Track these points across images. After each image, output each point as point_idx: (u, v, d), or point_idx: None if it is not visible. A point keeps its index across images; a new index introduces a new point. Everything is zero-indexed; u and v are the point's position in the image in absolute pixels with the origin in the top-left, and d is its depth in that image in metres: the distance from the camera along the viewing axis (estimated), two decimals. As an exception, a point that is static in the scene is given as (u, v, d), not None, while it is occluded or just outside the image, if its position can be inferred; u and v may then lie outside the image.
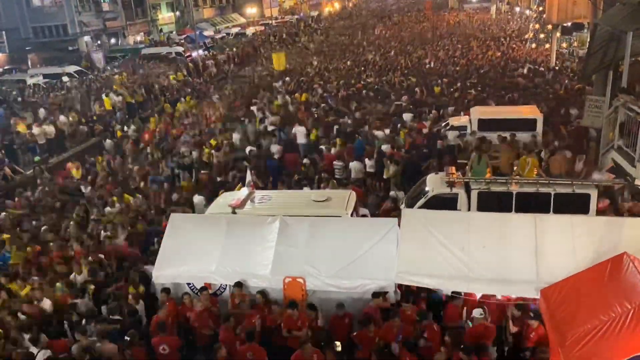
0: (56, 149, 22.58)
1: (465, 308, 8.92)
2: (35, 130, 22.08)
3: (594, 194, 11.46)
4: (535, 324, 8.22)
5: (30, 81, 34.52)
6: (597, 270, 7.83)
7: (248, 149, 18.18)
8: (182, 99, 28.37)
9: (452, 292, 8.91)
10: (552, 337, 7.43)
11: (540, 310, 8.21)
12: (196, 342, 9.31)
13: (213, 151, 17.79)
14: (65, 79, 35.32)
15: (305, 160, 16.74)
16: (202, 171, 16.67)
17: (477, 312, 8.40)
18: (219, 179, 16.12)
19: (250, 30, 53.45)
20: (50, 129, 22.47)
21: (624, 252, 7.72)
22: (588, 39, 22.84)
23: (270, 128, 20.16)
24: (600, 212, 11.61)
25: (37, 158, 20.01)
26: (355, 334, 8.67)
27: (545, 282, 8.25)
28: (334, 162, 16.07)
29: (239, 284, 9.40)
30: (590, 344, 6.75)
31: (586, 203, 11.41)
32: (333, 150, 17.10)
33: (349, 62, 35.33)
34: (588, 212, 11.35)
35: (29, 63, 44.75)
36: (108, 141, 21.30)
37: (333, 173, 15.67)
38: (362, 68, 32.80)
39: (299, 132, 19.16)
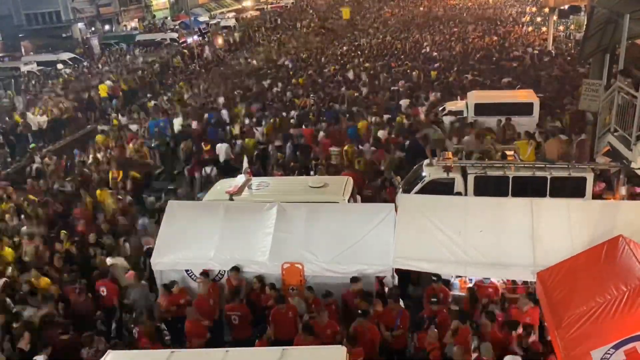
0: (53, 136, 22.48)
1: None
2: (32, 117, 21.96)
3: (590, 177, 11.50)
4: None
5: (24, 69, 34.25)
6: (593, 253, 7.90)
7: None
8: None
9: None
10: (549, 319, 7.51)
11: (537, 292, 8.29)
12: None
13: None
14: (59, 66, 35.07)
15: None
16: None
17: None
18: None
19: (231, 22, 52.51)
20: (42, 118, 22.29)
21: (619, 235, 7.78)
22: (585, 22, 22.75)
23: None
24: (596, 195, 11.67)
25: (32, 145, 19.91)
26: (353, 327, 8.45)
27: (541, 265, 8.32)
28: (330, 149, 16.05)
29: (235, 268, 9.45)
30: (586, 325, 6.83)
31: (582, 186, 11.46)
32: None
33: (345, 47, 35.15)
34: (584, 195, 11.40)
35: (22, 50, 44.37)
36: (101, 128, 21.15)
37: (329, 159, 15.66)
38: (358, 52, 32.64)
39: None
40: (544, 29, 34.71)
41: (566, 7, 32.46)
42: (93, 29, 50.61)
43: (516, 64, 26.16)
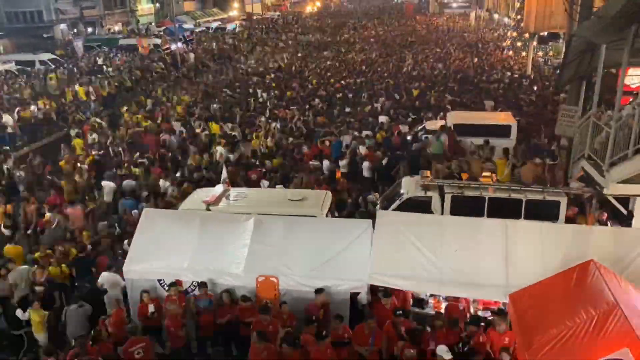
0: (29, 138, 22.02)
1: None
2: (5, 118, 21.52)
3: (563, 201, 11.73)
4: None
5: (1, 67, 33.62)
6: (564, 277, 7.99)
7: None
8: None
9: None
10: (519, 340, 7.56)
11: (508, 314, 8.36)
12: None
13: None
14: (37, 66, 34.53)
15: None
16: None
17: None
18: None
19: (230, 26, 52.86)
20: (7, 118, 21.77)
21: (590, 260, 7.90)
22: (563, 49, 23.31)
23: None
24: (569, 219, 11.88)
25: (5, 148, 19.42)
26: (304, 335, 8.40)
27: (514, 286, 8.39)
28: (310, 162, 16.08)
29: (203, 284, 9.30)
30: (556, 348, 6.88)
31: (556, 210, 11.68)
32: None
33: (328, 62, 35.40)
34: (558, 219, 11.61)
35: (1, 49, 43.58)
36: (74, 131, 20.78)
37: (308, 170, 15.65)
38: (344, 66, 32.89)
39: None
40: (523, 53, 35.47)
41: (546, 33, 33.28)
42: (75, 30, 50.03)
43: (495, 85, 26.64)
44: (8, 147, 19.28)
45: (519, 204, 11.72)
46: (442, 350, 7.85)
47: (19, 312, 9.82)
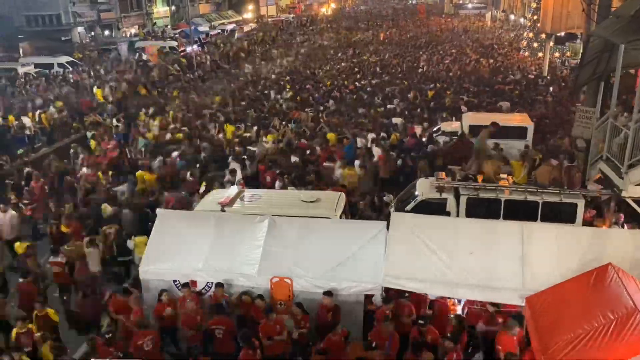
0: (47, 141, 22.31)
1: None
2: (25, 120, 21.84)
3: (581, 203, 11.58)
4: None
5: (21, 70, 34.16)
6: (581, 280, 7.91)
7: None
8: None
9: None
10: (535, 344, 7.49)
11: (525, 317, 8.28)
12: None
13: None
14: (55, 68, 35.03)
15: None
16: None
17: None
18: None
19: (238, 32, 52.94)
20: (26, 120, 22.05)
21: (608, 263, 7.81)
22: (581, 50, 23.04)
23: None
24: (587, 221, 11.73)
25: (20, 151, 19.65)
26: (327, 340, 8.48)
27: (530, 289, 8.32)
28: (324, 164, 16.06)
29: (220, 285, 9.36)
30: (573, 352, 6.81)
31: (573, 212, 11.53)
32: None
33: (342, 64, 35.39)
34: (575, 221, 11.46)
35: (21, 52, 44.27)
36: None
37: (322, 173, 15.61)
38: (357, 69, 32.86)
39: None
40: (540, 54, 35.13)
41: (563, 34, 32.91)
42: (92, 33, 50.65)
43: (511, 87, 26.41)
44: (22, 152, 19.53)
45: (535, 206, 11.58)
46: None
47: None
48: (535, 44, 37.15)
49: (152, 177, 15.58)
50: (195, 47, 41.99)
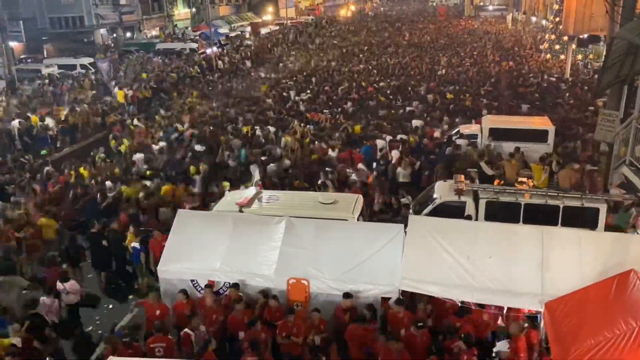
0: (69, 141, 22.69)
1: None
2: (48, 121, 22.24)
3: (603, 208, 11.38)
4: None
5: (45, 71, 34.81)
6: (603, 286, 7.77)
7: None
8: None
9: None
10: (555, 350, 7.38)
11: (544, 323, 8.17)
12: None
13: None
14: (78, 69, 35.63)
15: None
16: None
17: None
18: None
19: (253, 34, 53.25)
20: (49, 121, 22.49)
21: (631, 269, 7.66)
22: (604, 52, 22.69)
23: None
24: (608, 227, 11.53)
25: (43, 151, 19.97)
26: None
27: (550, 295, 8.20)
28: (341, 165, 16.05)
29: (235, 285, 9.41)
30: (593, 359, 6.70)
31: (595, 217, 11.34)
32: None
33: (361, 66, 35.33)
34: (597, 226, 11.27)
35: (45, 53, 45.10)
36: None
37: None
38: (375, 71, 32.79)
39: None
40: (562, 56, 34.66)
41: (585, 36, 32.42)
42: (115, 35, 51.41)
43: (533, 89, 26.11)
44: (45, 152, 19.87)
45: (556, 211, 11.42)
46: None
47: None
48: (557, 46, 36.67)
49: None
50: (214, 48, 42.32)
